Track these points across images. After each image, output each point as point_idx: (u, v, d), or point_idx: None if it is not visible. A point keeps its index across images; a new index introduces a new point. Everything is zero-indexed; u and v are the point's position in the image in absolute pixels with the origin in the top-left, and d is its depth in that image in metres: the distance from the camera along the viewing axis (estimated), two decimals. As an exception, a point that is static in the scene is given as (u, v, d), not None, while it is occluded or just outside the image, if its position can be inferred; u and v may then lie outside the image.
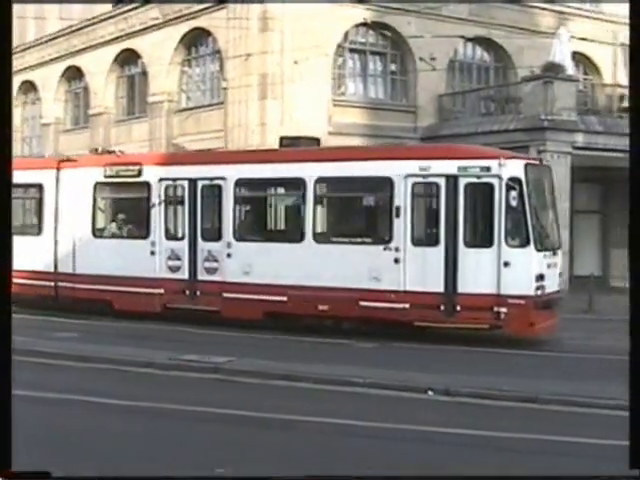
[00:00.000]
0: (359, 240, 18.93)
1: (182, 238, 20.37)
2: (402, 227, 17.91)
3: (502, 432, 10.74)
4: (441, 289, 17.68)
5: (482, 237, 17.65)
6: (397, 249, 17.89)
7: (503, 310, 17.26)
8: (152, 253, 20.48)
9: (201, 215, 20.33)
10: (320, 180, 18.85)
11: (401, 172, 17.93)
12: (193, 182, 20.23)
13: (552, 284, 18.14)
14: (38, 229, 22.37)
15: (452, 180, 17.55)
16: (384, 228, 18.46)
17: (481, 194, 17.59)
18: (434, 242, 17.78)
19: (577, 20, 32.24)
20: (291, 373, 13.92)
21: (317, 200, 18.94)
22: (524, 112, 26.82)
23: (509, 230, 17.37)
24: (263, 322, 19.33)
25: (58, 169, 22.14)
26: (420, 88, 30.07)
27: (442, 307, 17.69)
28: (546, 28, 31.17)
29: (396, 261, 17.90)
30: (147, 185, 20.79)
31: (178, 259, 20.27)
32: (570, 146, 25.94)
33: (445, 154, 18.47)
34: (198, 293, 20.19)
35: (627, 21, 24.14)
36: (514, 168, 17.47)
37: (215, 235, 20.04)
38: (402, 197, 17.90)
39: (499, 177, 17.28)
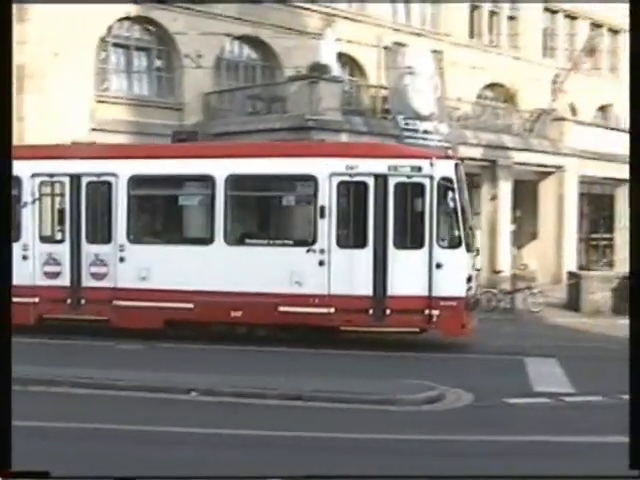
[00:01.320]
0: (279, 242, 17.96)
1: (62, 241, 18.56)
2: (327, 228, 17.21)
3: (259, 430, 10.53)
4: (370, 292, 17.12)
5: (413, 238, 17.20)
6: (322, 251, 17.17)
7: (435, 312, 16.97)
8: (24, 258, 18.19)
9: (86, 215, 18.45)
10: (232, 178, 17.72)
11: (326, 170, 17.24)
12: (76, 178, 18.37)
13: (475, 285, 18.26)
14: None
15: (381, 179, 17.10)
16: (307, 229, 17.74)
17: (412, 194, 17.22)
18: (362, 244, 17.22)
19: (343, 22, 32.70)
20: (48, 378, 13.20)
21: (229, 199, 17.72)
22: (290, 112, 26.89)
23: (441, 231, 17.09)
24: (164, 331, 18.05)
25: None
26: (187, 85, 29.60)
27: (371, 311, 17.16)
28: (313, 29, 31.46)
29: (321, 264, 17.17)
30: (16, 181, 18.10)
31: (57, 264, 18.29)
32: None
33: (374, 152, 18.08)
34: (83, 301, 18.40)
35: (391, 25, 24.63)
36: (445, 168, 17.17)
37: (104, 237, 18.35)
38: (327, 197, 17.20)
39: (430, 177, 16.97)
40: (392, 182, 17.10)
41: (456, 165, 17.50)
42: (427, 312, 16.98)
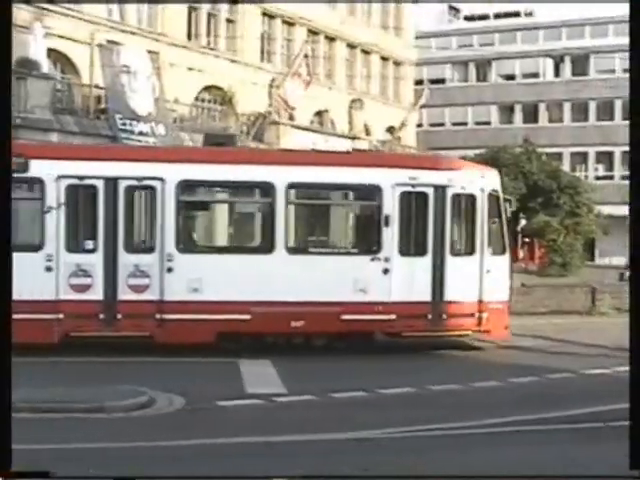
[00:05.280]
0: (343, 250, 18.20)
1: (93, 250, 16.76)
2: (390, 237, 17.42)
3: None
4: (428, 298, 17.61)
5: (467, 246, 18.10)
6: (387, 259, 17.33)
7: (484, 315, 17.88)
8: (48, 269, 16.45)
9: (124, 222, 16.89)
10: (294, 185, 17.33)
11: (390, 180, 17.44)
12: (112, 182, 16.78)
13: None
14: None
15: (440, 190, 17.70)
16: (372, 238, 17.72)
17: (466, 204, 18.02)
18: (422, 251, 17.66)
19: (54, 17, 31.39)
20: None
21: (290, 207, 17.39)
22: (-4, 108, 25.44)
23: (490, 238, 18.08)
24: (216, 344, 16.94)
25: None
26: None
27: (429, 316, 17.64)
28: (21, 22, 29.93)
29: (385, 271, 17.30)
30: (38, 183, 16.58)
31: (87, 276, 16.61)
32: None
33: (434, 165, 18.76)
34: (119, 316, 16.79)
35: (105, 22, 23.66)
36: (493, 180, 18.64)
37: (146, 246, 17.13)
38: (391, 206, 17.43)
39: (482, 189, 18.00)
40: (449, 193, 17.79)
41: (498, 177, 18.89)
42: (478, 315, 17.90)
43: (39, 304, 16.38)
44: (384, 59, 52.06)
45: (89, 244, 16.95)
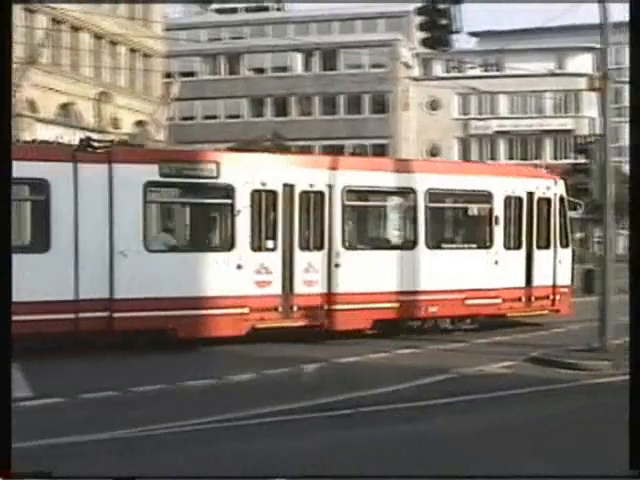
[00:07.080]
0: (466, 246, 21.15)
1: (274, 249, 18.40)
2: (498, 234, 20.94)
3: None
4: (522, 284, 21.34)
5: (545, 240, 21.75)
6: (496, 253, 20.81)
7: (557, 297, 21.79)
8: (239, 267, 17.84)
9: (299, 224, 18.74)
10: (431, 191, 20.07)
11: (499, 187, 21.09)
12: (289, 187, 18.61)
13: None
14: (45, 245, 16.42)
15: (529, 195, 21.53)
16: (486, 235, 21.09)
17: (545, 206, 21.75)
18: (518, 246, 21.36)
19: None
20: None
21: (428, 210, 20.02)
22: None
23: (560, 234, 21.92)
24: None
25: (75, 161, 16.68)
26: None
27: (523, 299, 21.41)
28: None
29: (495, 263, 20.68)
30: (229, 188, 18.06)
31: (268, 272, 18.24)
32: None
33: (527, 174, 23.11)
34: (295, 308, 18.51)
35: None
36: (562, 186, 22.18)
37: (317, 245, 18.94)
38: (499, 208, 20.99)
39: (555, 193, 21.89)
40: (536, 197, 21.65)
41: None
42: (552, 297, 21.78)
43: (231, 299, 17.95)
44: (132, 51, 50.77)
45: (270, 243, 18.49)
